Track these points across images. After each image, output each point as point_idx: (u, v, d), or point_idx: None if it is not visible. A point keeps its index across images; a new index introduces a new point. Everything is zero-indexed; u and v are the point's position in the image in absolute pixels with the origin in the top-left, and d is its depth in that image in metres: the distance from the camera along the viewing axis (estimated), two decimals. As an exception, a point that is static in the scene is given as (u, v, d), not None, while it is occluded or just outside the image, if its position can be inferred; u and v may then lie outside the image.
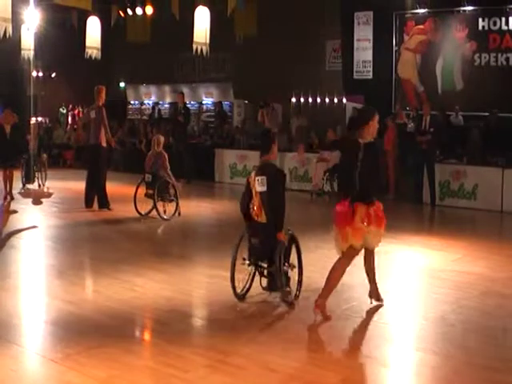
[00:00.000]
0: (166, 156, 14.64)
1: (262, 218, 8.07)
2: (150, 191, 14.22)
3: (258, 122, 21.94)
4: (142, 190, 14.44)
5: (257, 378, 6.07)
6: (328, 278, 7.67)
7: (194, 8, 18.53)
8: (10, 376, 6.06)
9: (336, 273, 7.67)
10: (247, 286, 8.31)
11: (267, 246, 7.99)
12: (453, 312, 8.00)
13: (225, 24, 21.22)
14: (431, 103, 18.78)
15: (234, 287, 8.17)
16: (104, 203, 15.28)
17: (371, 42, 22.03)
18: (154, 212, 14.17)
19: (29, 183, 17.84)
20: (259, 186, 8.02)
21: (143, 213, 14.34)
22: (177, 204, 14.54)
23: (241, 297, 8.21)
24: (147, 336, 7.58)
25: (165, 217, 14.15)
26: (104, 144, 15.37)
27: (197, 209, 16.56)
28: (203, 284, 9.40)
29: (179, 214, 14.52)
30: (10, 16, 12.43)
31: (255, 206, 8.12)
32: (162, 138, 14.97)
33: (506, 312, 8.16)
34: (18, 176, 17.87)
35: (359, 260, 7.74)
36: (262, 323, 7.51)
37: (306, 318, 7.36)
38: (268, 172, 8.06)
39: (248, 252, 8.27)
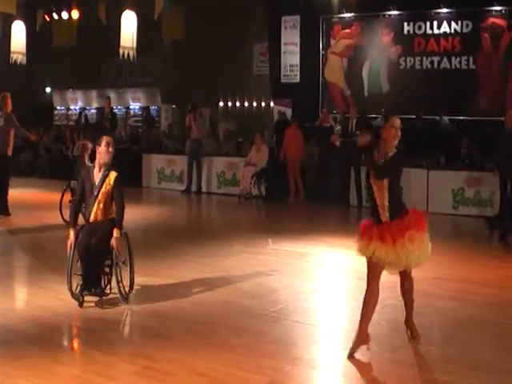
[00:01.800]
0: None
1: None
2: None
3: (185, 127, 21.93)
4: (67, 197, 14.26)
5: (185, 383, 6.08)
6: None
7: (120, 12, 18.46)
8: None
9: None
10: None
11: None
12: (378, 311, 8.11)
13: (152, 28, 21.15)
14: (358, 106, 19.03)
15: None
16: (2, 210, 15.02)
17: (298, 45, 22.17)
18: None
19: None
20: None
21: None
22: None
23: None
24: (74, 344, 7.51)
25: None
26: (10, 153, 15.08)
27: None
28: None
29: None
30: None
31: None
32: (89, 144, 14.76)
33: (431, 310, 8.32)
34: None
35: (281, 263, 7.74)
36: (188, 328, 7.51)
37: (233, 321, 7.39)
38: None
39: None
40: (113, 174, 8.76)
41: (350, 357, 6.60)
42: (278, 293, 8.78)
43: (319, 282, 9.82)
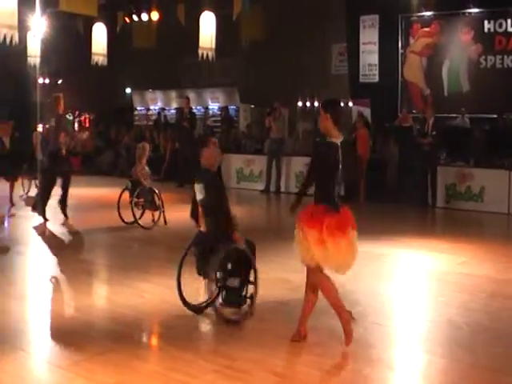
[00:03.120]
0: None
1: (203, 227, 8.10)
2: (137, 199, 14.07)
3: (264, 126, 22.01)
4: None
5: (264, 383, 6.11)
6: None
7: (199, 13, 18.60)
8: (19, 383, 6.10)
9: None
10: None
11: (206, 256, 7.83)
12: (459, 315, 8.02)
13: (231, 29, 21.29)
14: (438, 106, 18.81)
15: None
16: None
17: (377, 45, 22.04)
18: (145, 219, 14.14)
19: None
20: (198, 194, 8.07)
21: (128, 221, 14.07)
22: (161, 212, 14.21)
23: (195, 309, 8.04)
24: (155, 341, 7.62)
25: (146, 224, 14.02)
26: (64, 152, 15.09)
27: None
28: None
29: (165, 222, 14.18)
30: (16, 23, 12.53)
31: (199, 214, 8.19)
32: (147, 146, 14.83)
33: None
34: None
35: (359, 264, 7.66)
36: (268, 328, 7.53)
37: (311, 322, 7.37)
38: (204, 179, 8.04)
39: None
40: None
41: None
42: (356, 294, 8.74)
43: (398, 284, 9.75)
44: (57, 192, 14.74)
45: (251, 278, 7.88)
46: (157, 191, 14.17)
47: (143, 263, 10.89)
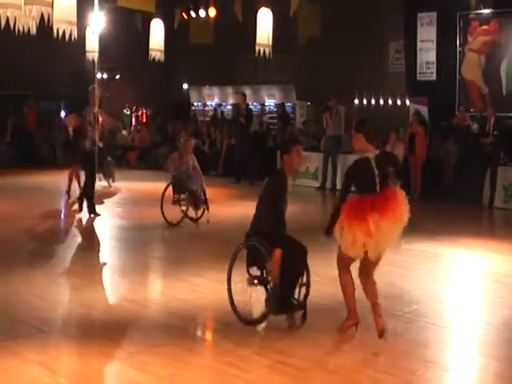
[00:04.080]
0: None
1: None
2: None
3: (320, 124, 21.95)
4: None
5: (317, 380, 6.09)
6: None
7: (256, 9, 18.58)
8: (74, 373, 6.17)
9: None
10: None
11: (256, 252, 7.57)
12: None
13: (287, 25, 21.24)
14: (496, 105, 18.55)
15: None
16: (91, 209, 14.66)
17: (435, 42, 21.78)
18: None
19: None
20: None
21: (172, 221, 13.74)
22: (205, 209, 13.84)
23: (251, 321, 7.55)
24: (209, 336, 7.65)
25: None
26: (92, 146, 14.43)
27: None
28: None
29: (207, 220, 13.75)
30: (75, 19, 12.62)
31: None
32: (192, 141, 14.65)
33: None
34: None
35: (414, 263, 7.60)
36: (323, 325, 7.49)
37: (368, 321, 7.32)
38: (270, 175, 8.13)
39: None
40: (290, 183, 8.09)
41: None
42: (411, 293, 8.66)
43: (453, 284, 9.63)
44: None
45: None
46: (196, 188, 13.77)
47: (196, 258, 10.92)
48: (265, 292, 7.55)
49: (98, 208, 14.80)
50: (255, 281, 7.56)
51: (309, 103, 26.59)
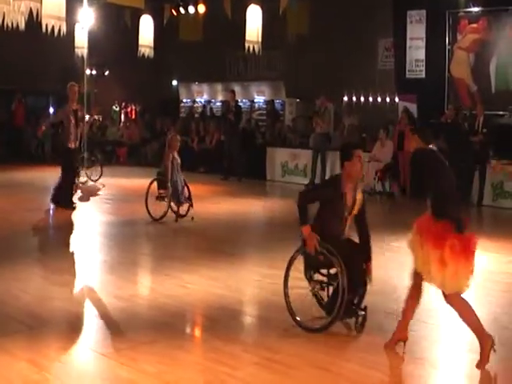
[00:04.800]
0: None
1: None
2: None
3: (309, 121, 21.99)
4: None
5: (306, 377, 6.08)
6: None
7: (246, 6, 18.57)
8: (62, 369, 6.15)
9: None
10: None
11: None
12: (505, 314, 7.92)
13: (277, 22, 21.24)
14: (485, 103, 18.58)
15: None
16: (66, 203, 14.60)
17: (424, 40, 21.78)
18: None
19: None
20: None
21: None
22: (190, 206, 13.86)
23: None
24: (197, 332, 7.64)
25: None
26: (72, 145, 14.57)
27: (247, 206, 16.61)
28: (254, 282, 9.43)
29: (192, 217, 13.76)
30: (64, 15, 12.61)
31: None
32: (178, 138, 14.57)
33: None
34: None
35: (404, 261, 7.54)
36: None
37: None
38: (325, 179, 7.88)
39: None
40: (360, 195, 7.49)
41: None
42: (402, 291, 8.62)
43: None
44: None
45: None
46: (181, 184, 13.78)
47: (187, 254, 10.92)
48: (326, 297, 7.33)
49: (86, 204, 14.78)
50: (317, 286, 7.31)
51: (298, 100, 26.59)
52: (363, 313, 7.18)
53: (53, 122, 15.57)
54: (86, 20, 20.66)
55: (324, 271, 7.34)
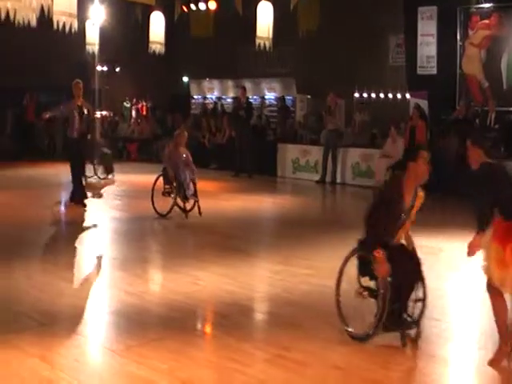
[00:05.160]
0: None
1: None
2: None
3: (320, 117, 21.96)
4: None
5: (318, 374, 6.05)
6: None
7: (256, 2, 18.54)
8: (73, 366, 6.13)
9: None
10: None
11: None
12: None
13: (287, 18, 21.17)
14: (496, 99, 18.50)
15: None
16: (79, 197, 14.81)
17: (435, 36, 21.68)
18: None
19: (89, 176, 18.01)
20: None
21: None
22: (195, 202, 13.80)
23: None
24: (209, 329, 7.62)
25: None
26: (76, 135, 14.62)
27: (258, 203, 16.58)
28: (265, 279, 9.41)
29: (200, 213, 13.69)
30: (75, 11, 12.58)
31: None
32: (185, 134, 14.56)
33: None
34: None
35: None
36: (322, 318, 7.45)
37: (368, 315, 7.26)
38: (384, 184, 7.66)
39: None
40: (421, 193, 7.12)
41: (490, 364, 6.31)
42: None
43: (456, 279, 9.58)
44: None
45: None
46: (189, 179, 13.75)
47: (197, 251, 10.91)
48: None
49: (97, 200, 14.81)
50: (365, 292, 6.94)
51: (309, 96, 26.54)
52: (414, 327, 6.80)
53: (55, 114, 15.63)
54: (97, 16, 20.71)
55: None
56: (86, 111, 14.68)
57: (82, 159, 15.04)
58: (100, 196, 16.30)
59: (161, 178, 13.98)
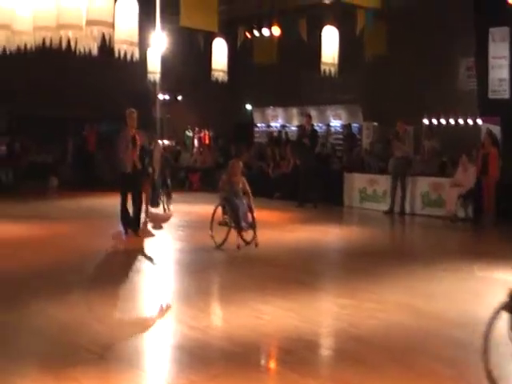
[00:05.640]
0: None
1: None
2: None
3: (388, 145, 21.84)
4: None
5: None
6: None
7: (321, 28, 18.59)
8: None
9: None
10: None
11: None
12: None
13: (353, 43, 21.20)
14: None
15: None
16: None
17: (508, 59, 21.49)
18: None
19: (154, 207, 18.12)
20: None
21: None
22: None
23: None
24: (272, 365, 7.57)
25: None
26: (129, 170, 14.87)
27: (323, 234, 16.52)
28: (331, 313, 9.34)
29: (256, 244, 13.65)
30: (136, 40, 12.77)
31: None
32: (240, 163, 14.64)
33: None
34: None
35: (489, 291, 7.40)
36: (387, 354, 7.37)
37: (437, 351, 7.18)
38: None
39: None
40: None
41: None
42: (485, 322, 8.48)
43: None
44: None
45: None
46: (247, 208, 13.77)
47: (260, 284, 10.87)
48: None
49: (159, 231, 14.94)
50: None
51: (376, 124, 26.46)
52: None
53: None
54: (159, 44, 20.99)
55: None
56: (139, 142, 14.90)
57: (137, 191, 15.20)
58: (160, 227, 16.42)
59: (220, 208, 14.04)
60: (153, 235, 15.35)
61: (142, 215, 15.80)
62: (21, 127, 27.93)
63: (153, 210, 17.68)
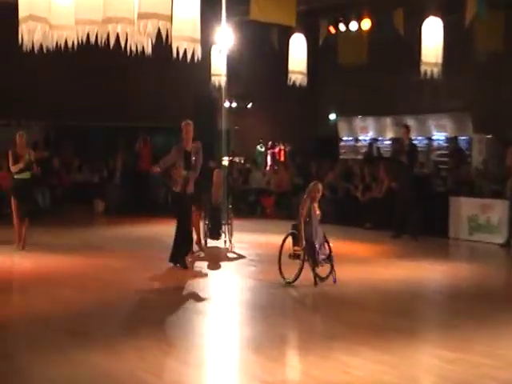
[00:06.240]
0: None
1: None
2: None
3: (504, 163, 21.58)
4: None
5: None
6: None
7: (422, 19, 18.49)
8: None
9: None
10: None
11: None
12: None
13: (462, 38, 21.06)
14: None
15: None
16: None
17: None
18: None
19: (214, 238, 18.20)
20: None
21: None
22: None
23: None
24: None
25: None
26: (177, 189, 15.38)
27: (424, 272, 16.37)
28: (435, 369, 9.22)
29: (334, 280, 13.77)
30: (199, 36, 12.78)
31: None
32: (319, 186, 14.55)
33: None
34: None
35: None
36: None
37: None
38: None
39: None
40: None
41: None
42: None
43: None
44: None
45: None
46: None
47: (345, 330, 10.81)
48: None
49: (225, 266, 15.02)
50: None
51: (489, 136, 26.20)
52: None
53: (165, 166, 15.95)
54: (225, 42, 21.11)
55: None
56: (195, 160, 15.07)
57: (189, 217, 15.41)
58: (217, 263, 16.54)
59: (289, 239, 14.04)
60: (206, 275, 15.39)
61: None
62: (60, 140, 28.29)
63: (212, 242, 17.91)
